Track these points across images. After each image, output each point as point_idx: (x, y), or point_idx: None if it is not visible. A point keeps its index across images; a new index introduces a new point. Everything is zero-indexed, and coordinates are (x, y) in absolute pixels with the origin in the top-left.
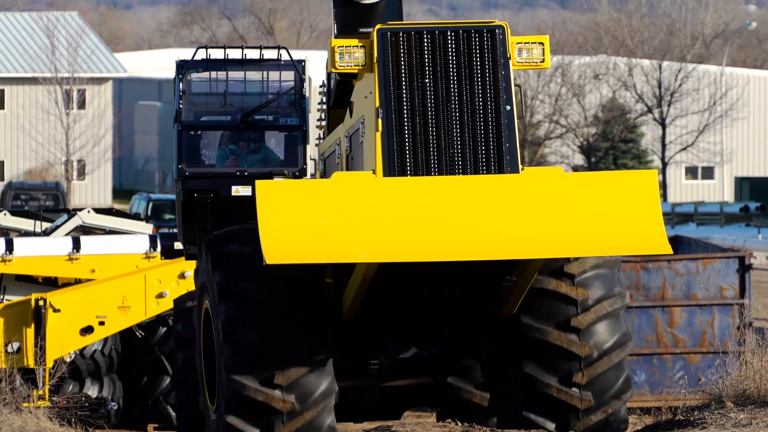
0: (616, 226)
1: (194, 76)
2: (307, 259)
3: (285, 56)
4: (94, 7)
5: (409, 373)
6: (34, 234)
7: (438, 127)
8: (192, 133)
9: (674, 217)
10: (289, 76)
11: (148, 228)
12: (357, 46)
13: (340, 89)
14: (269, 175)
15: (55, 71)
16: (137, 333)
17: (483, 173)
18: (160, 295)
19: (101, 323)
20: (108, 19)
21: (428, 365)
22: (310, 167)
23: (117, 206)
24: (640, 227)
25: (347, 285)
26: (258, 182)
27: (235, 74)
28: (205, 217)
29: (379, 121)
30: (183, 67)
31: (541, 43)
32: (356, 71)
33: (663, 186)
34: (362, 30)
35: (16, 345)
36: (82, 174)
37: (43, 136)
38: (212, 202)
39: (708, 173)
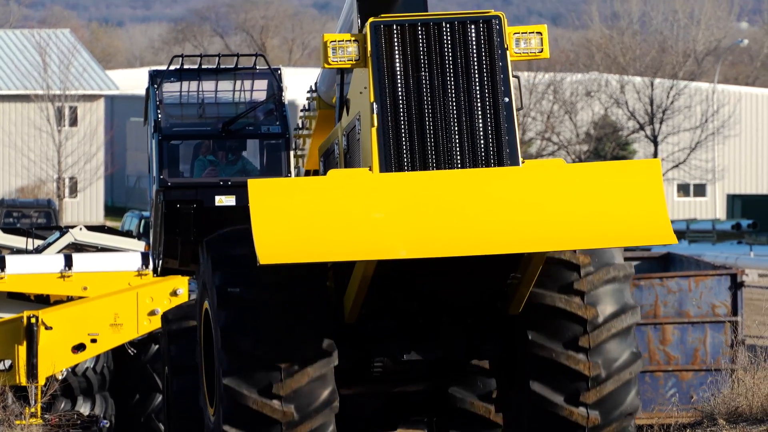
0: (620, 216)
1: (170, 86)
2: (301, 259)
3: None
4: (86, 24)
5: (412, 378)
6: (26, 251)
7: (435, 121)
8: (173, 142)
9: None
10: (263, 85)
11: (140, 245)
12: (350, 41)
13: None
14: None
15: (47, 88)
16: (129, 350)
17: (482, 167)
18: (152, 313)
19: (93, 341)
20: (100, 36)
21: (431, 370)
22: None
23: (109, 224)
24: (644, 217)
25: (348, 286)
26: (251, 181)
27: (212, 84)
28: (188, 229)
29: (374, 116)
30: (157, 76)
31: (540, 33)
32: (349, 66)
33: None
34: None
35: (8, 362)
36: (74, 191)
37: (35, 153)
38: (195, 213)
39: (700, 190)
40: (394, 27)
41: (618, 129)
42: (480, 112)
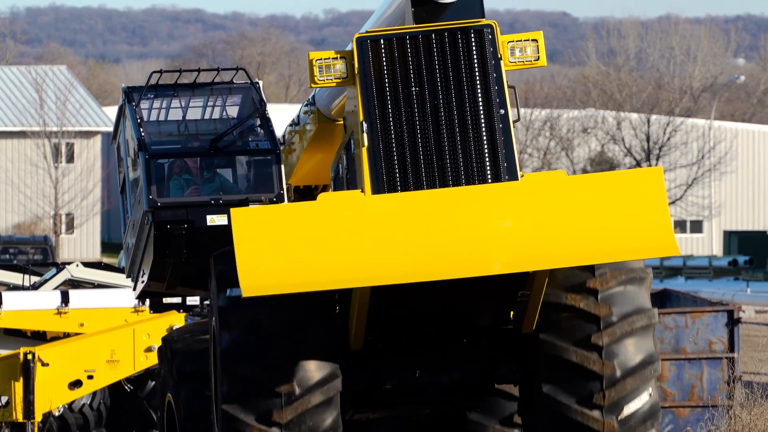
0: (623, 229)
1: (146, 103)
2: (288, 289)
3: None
4: (83, 61)
5: (426, 402)
6: (22, 288)
7: (427, 137)
8: (159, 161)
9: (663, 270)
10: (242, 100)
11: None
12: (337, 58)
13: None
14: (245, 202)
15: (43, 125)
16: (126, 387)
17: (479, 183)
18: (149, 349)
19: (90, 377)
20: (97, 72)
21: (446, 393)
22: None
23: (105, 260)
24: (648, 229)
25: (349, 312)
26: (233, 210)
27: (188, 100)
28: (179, 250)
29: (364, 135)
30: (134, 93)
31: (535, 40)
32: (333, 84)
33: None
34: None
35: (4, 399)
36: (70, 228)
37: (31, 189)
38: (187, 233)
39: (696, 227)
40: (381, 41)
41: (615, 165)
42: (474, 126)
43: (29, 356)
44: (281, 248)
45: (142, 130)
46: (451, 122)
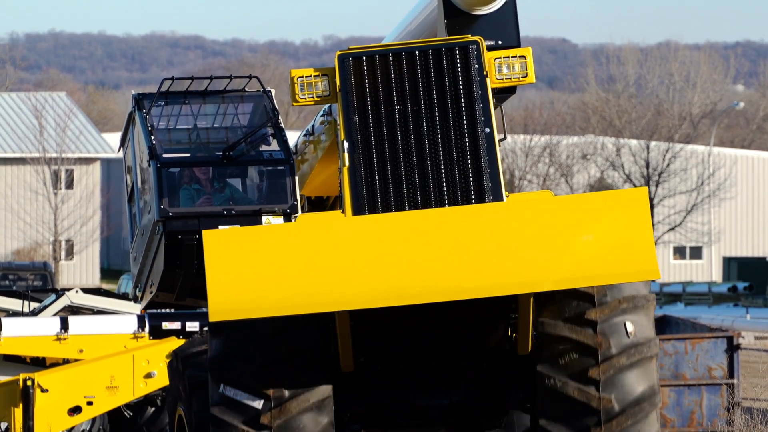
0: (605, 252)
1: (156, 110)
2: (257, 314)
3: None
4: (83, 87)
5: (432, 424)
6: (21, 314)
7: (409, 157)
8: (171, 170)
9: (662, 296)
10: (253, 108)
11: (136, 308)
12: (319, 75)
13: None
14: (258, 213)
15: (43, 151)
16: (125, 413)
17: (463, 204)
18: (149, 375)
19: (89, 403)
20: (96, 99)
21: (449, 415)
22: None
23: (105, 286)
24: (630, 252)
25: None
26: (205, 232)
27: (198, 108)
28: (191, 261)
29: (345, 154)
30: (144, 100)
31: (523, 57)
32: (312, 103)
33: None
34: None
35: (4, 425)
36: (70, 254)
37: (31, 216)
38: (198, 244)
39: (696, 253)
40: (363, 59)
41: None
42: (458, 145)
43: (29, 382)
44: (254, 271)
45: (153, 137)
46: (435, 141)
